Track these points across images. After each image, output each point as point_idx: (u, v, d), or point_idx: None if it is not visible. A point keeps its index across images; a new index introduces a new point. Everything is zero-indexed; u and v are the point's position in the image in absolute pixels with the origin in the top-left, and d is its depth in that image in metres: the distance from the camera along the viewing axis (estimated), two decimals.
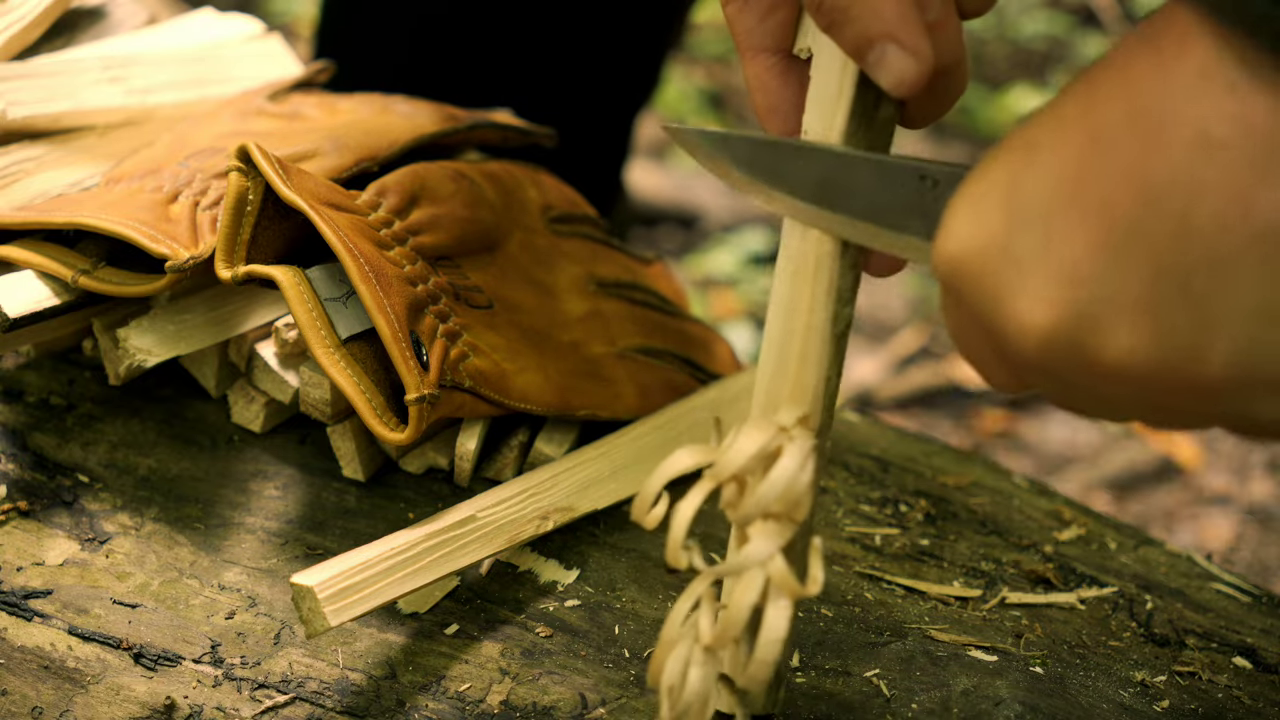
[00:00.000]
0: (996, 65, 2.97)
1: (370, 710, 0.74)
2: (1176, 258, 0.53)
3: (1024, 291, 0.56)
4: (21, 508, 0.83)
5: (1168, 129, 0.53)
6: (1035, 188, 0.56)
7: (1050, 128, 0.57)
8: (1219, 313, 0.53)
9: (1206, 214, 0.52)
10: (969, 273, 0.58)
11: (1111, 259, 0.54)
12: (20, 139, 0.93)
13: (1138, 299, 0.54)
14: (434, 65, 1.35)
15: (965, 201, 0.59)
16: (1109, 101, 0.55)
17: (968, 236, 0.58)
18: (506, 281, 0.89)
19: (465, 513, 0.79)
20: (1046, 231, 0.56)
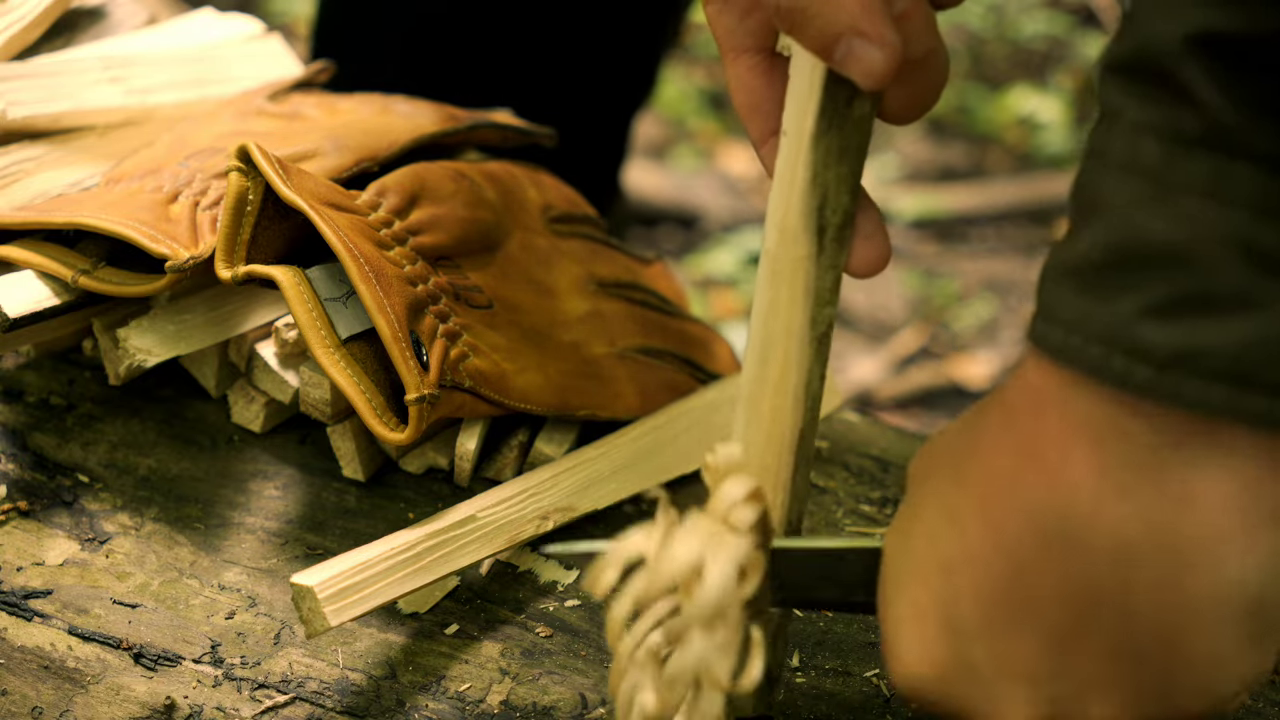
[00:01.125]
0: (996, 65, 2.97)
1: (370, 710, 0.74)
2: (1124, 643, 0.55)
3: (992, 701, 0.58)
4: (21, 508, 0.83)
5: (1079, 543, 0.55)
6: (967, 610, 0.58)
7: (961, 550, 0.58)
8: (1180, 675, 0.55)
9: (1143, 605, 0.55)
10: (932, 692, 0.60)
11: (1063, 654, 0.56)
12: (20, 139, 0.93)
13: (1099, 679, 0.56)
14: (432, 65, 1.35)
15: (901, 624, 0.60)
16: (1012, 523, 0.56)
17: (919, 660, 0.60)
18: (506, 281, 0.89)
19: (465, 513, 0.79)
20: (994, 645, 0.57)
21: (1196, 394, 0.51)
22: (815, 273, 0.67)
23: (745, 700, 0.70)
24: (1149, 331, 0.51)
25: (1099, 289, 0.53)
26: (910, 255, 2.43)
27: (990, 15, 3.04)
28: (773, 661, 0.70)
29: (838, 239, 0.67)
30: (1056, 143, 2.72)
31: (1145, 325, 0.52)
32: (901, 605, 0.61)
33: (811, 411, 0.68)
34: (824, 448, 0.94)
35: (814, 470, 0.92)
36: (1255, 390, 0.51)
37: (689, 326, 0.99)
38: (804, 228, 0.67)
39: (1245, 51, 0.49)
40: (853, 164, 0.66)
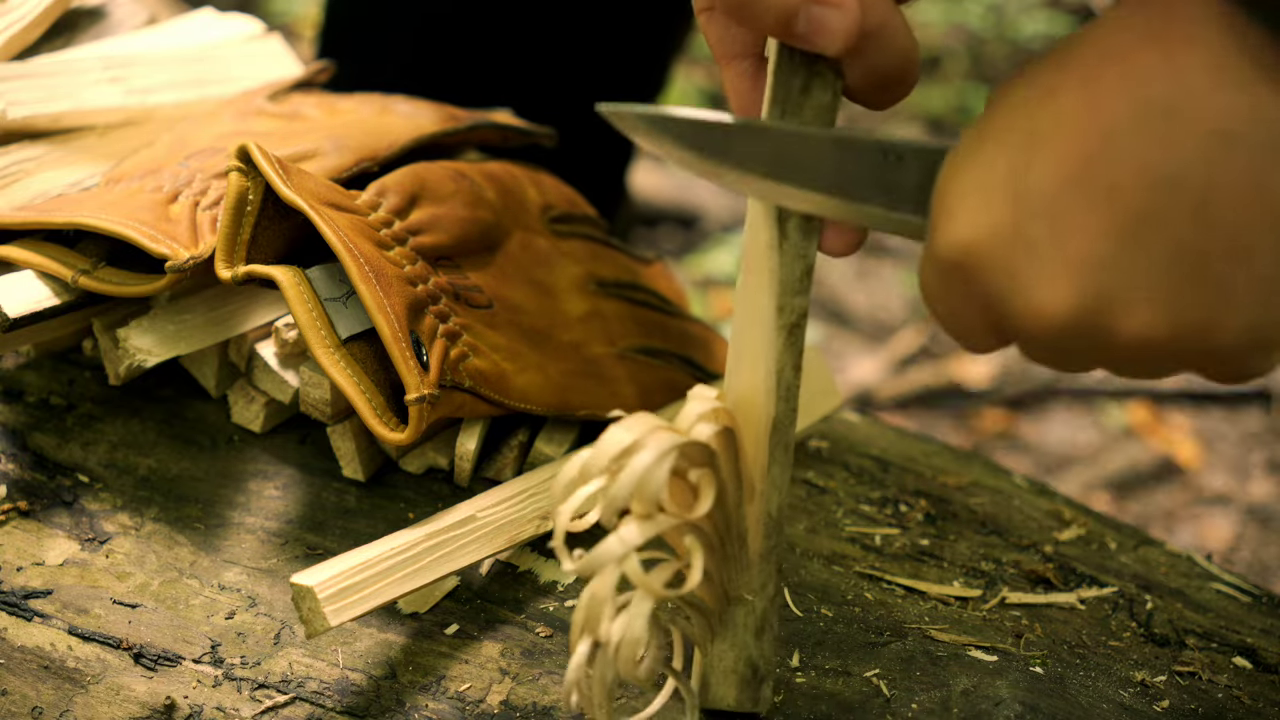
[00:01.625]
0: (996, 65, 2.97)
1: (370, 710, 0.74)
2: (1193, 242, 0.55)
3: (1040, 277, 0.57)
4: (21, 508, 0.83)
5: (1181, 123, 0.54)
6: (1043, 178, 0.57)
7: (1051, 122, 0.58)
8: (1234, 291, 0.55)
9: (1224, 203, 0.54)
10: (979, 259, 0.59)
11: (1125, 245, 0.56)
12: (20, 139, 0.93)
13: (1154, 281, 0.56)
14: (438, 65, 1.35)
15: (967, 188, 0.59)
16: (1114, 95, 0.56)
17: (976, 224, 0.59)
18: (506, 281, 0.89)
19: (465, 513, 0.79)
20: (1057, 220, 0.57)
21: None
22: (780, 261, 0.67)
23: (725, 692, 0.70)
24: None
25: None
26: (910, 255, 2.43)
27: (990, 15, 3.04)
28: (759, 656, 0.70)
29: (802, 229, 0.67)
30: None
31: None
32: (971, 172, 0.59)
33: (786, 401, 0.68)
34: (824, 448, 0.95)
35: (814, 470, 0.92)
36: None
37: (689, 326, 0.99)
38: (763, 216, 0.67)
39: None
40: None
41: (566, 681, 0.64)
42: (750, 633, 0.70)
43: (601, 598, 0.62)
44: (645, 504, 0.62)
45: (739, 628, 0.70)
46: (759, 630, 0.70)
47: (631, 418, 0.64)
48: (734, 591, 0.69)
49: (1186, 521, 1.89)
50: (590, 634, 0.63)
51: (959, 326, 0.63)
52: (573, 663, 0.63)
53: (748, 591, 0.69)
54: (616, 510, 0.62)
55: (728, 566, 0.68)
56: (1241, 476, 1.97)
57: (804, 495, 0.90)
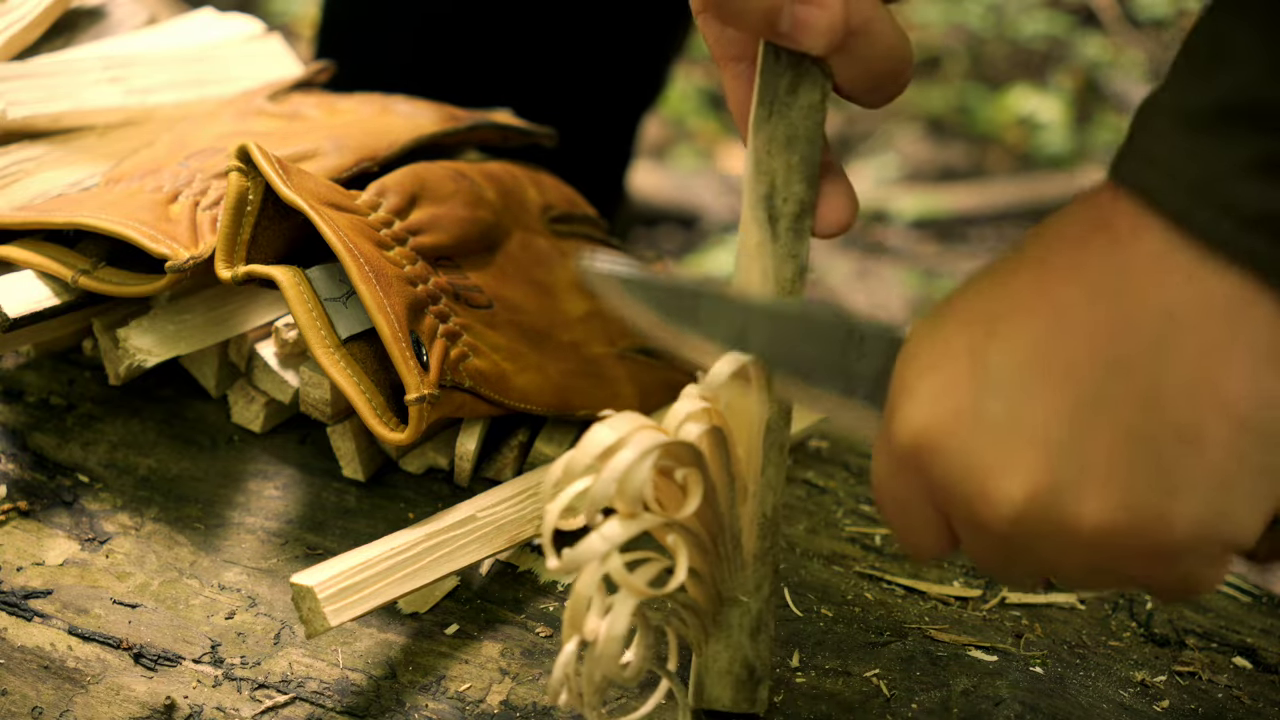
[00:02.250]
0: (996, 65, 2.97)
1: (370, 710, 0.74)
2: (1144, 425, 0.55)
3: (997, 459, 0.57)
4: (21, 508, 0.83)
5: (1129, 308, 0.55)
6: (1001, 360, 0.57)
7: (1007, 301, 0.58)
8: (1186, 479, 0.55)
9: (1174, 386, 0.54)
10: (937, 441, 0.58)
11: (1078, 427, 0.56)
12: (20, 139, 0.93)
13: (1108, 466, 0.55)
14: (438, 66, 1.35)
15: (924, 371, 0.59)
16: (1067, 278, 0.56)
17: (935, 404, 0.58)
18: (506, 281, 0.89)
19: (465, 513, 0.79)
20: (1016, 401, 0.57)
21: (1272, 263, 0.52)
22: (773, 262, 0.67)
23: (720, 693, 0.70)
24: (1245, 189, 0.52)
25: (1204, 135, 0.52)
26: (910, 255, 2.43)
27: (990, 15, 3.03)
28: (754, 657, 0.70)
29: (794, 229, 0.67)
30: (1056, 143, 2.72)
31: (1243, 182, 0.52)
32: (931, 352, 0.59)
33: (780, 402, 0.68)
34: (824, 448, 0.95)
35: (814, 470, 0.92)
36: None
37: None
38: (754, 217, 0.67)
39: None
40: (804, 153, 0.67)
41: (552, 680, 0.64)
42: (745, 634, 0.70)
43: (585, 595, 0.62)
44: (628, 502, 0.62)
45: (734, 628, 0.70)
46: (754, 631, 0.70)
47: (617, 416, 0.64)
48: (728, 592, 0.69)
49: None
50: (576, 631, 0.63)
51: (908, 523, 0.61)
52: (559, 660, 0.63)
53: (742, 593, 0.69)
54: (599, 508, 0.62)
55: (721, 567, 0.68)
56: None
57: (804, 495, 0.90)
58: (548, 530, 0.63)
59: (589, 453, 0.62)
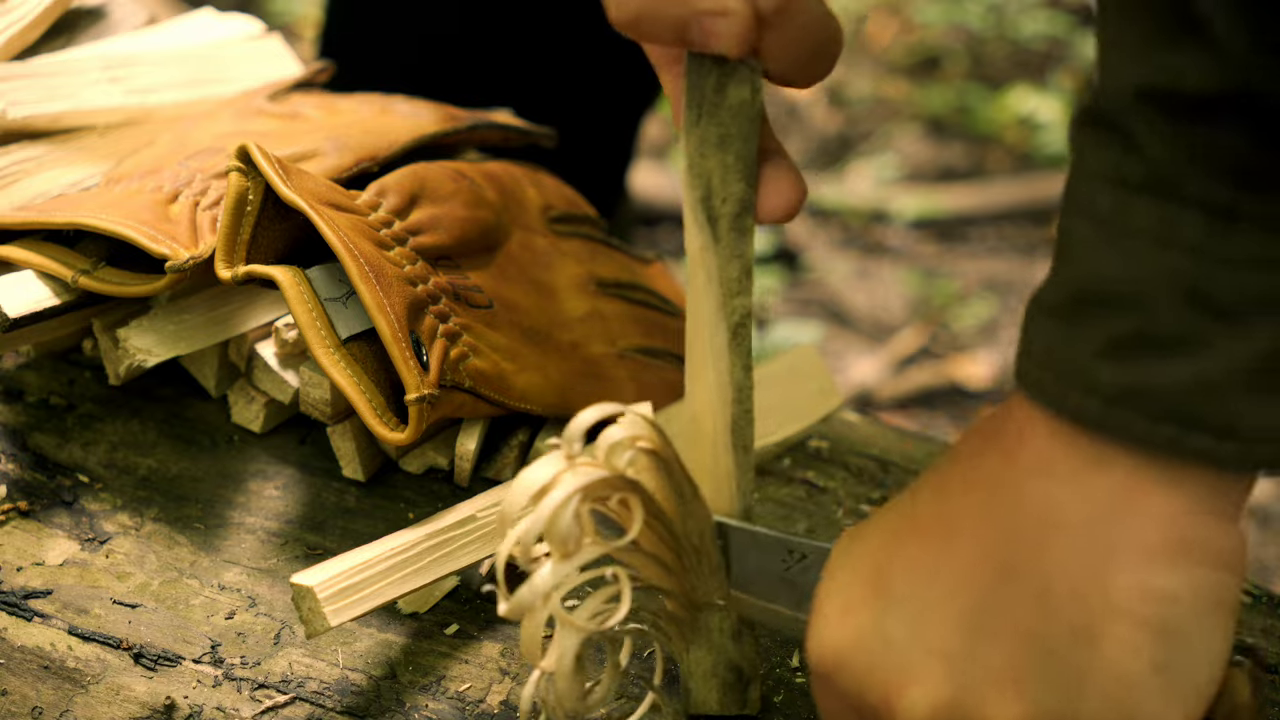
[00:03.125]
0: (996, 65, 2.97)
1: (370, 710, 0.74)
2: (1038, 628, 0.56)
3: (901, 675, 0.58)
4: (21, 508, 0.83)
5: (1017, 515, 0.56)
6: (901, 576, 0.59)
7: (909, 519, 0.60)
8: (1086, 679, 0.55)
9: (1063, 590, 0.55)
10: (843, 660, 0.60)
11: (976, 633, 0.57)
12: (20, 139, 0.93)
13: (1007, 670, 0.56)
14: (440, 66, 1.35)
15: (833, 592, 0.61)
16: (962, 493, 0.58)
17: (840, 625, 0.60)
18: (506, 281, 0.89)
19: (465, 513, 0.79)
20: (915, 615, 0.58)
21: (1142, 432, 0.53)
22: (717, 263, 0.67)
23: (707, 696, 0.70)
24: (1102, 369, 0.54)
25: (1065, 326, 0.55)
26: (910, 255, 2.43)
27: (990, 15, 3.03)
28: (740, 658, 0.70)
29: (735, 228, 0.67)
30: (1056, 143, 2.72)
31: (1100, 363, 0.54)
32: (841, 571, 0.61)
33: (739, 404, 0.68)
34: (824, 448, 0.95)
35: (814, 470, 0.92)
36: (1199, 429, 0.53)
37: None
38: (694, 220, 0.67)
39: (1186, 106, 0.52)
40: (739, 151, 0.66)
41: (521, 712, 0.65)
42: (727, 637, 0.70)
43: (534, 638, 0.62)
44: (559, 544, 0.62)
45: (714, 632, 0.70)
46: (736, 634, 0.70)
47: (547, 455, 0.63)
48: (704, 599, 0.69)
49: None
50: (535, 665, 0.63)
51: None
52: (525, 694, 0.64)
53: (718, 597, 0.69)
54: (529, 553, 0.62)
55: (688, 578, 0.68)
56: None
57: (804, 495, 0.90)
58: (500, 573, 0.63)
59: (521, 495, 0.62)
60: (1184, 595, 0.55)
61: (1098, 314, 0.54)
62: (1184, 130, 0.52)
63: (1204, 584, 0.55)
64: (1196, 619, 0.55)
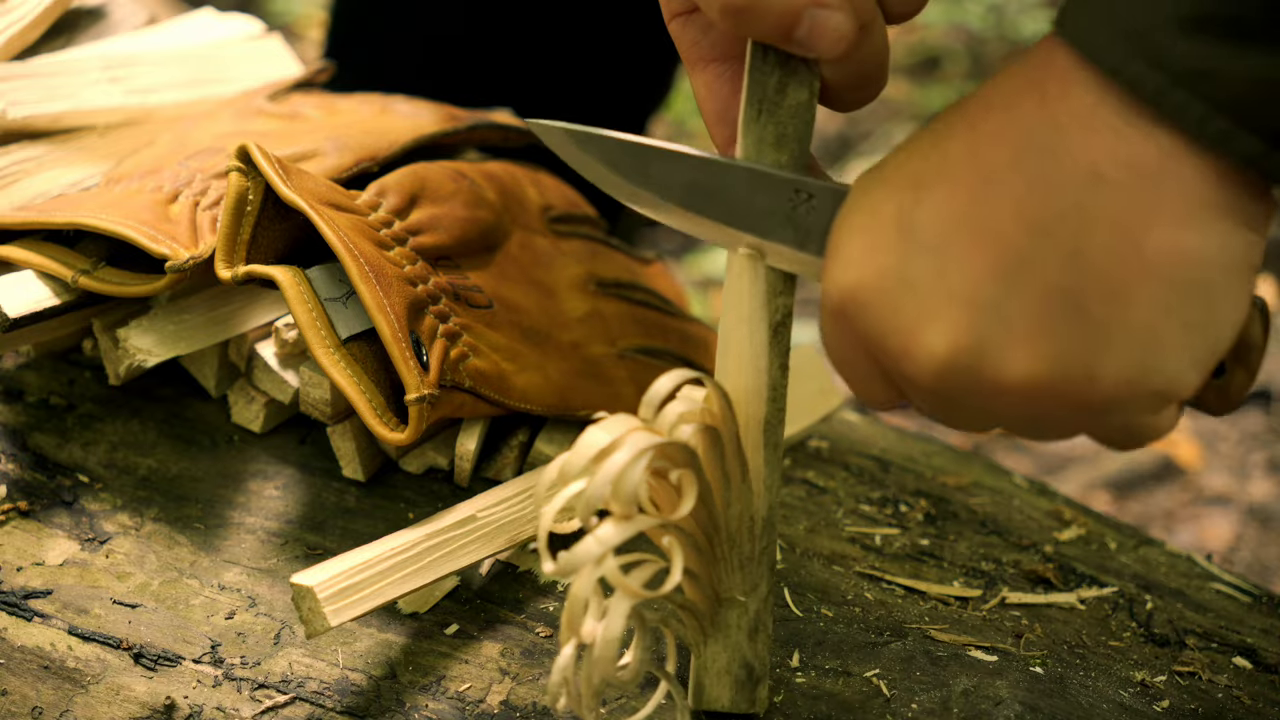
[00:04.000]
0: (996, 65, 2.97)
1: (370, 710, 0.74)
2: (1069, 284, 0.55)
3: (923, 318, 0.58)
4: (21, 508, 0.83)
5: (1056, 168, 0.55)
6: (928, 221, 0.58)
7: (937, 165, 0.59)
8: (1111, 336, 0.56)
9: (1098, 246, 0.55)
10: (865, 300, 0.59)
11: (1005, 285, 0.56)
12: (20, 139, 0.93)
13: (1033, 323, 0.56)
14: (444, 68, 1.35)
15: (855, 232, 0.60)
16: (996, 141, 0.57)
17: (863, 264, 0.59)
18: (506, 281, 0.89)
19: (465, 513, 0.79)
20: (941, 261, 0.57)
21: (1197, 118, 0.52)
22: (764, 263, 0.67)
23: (719, 693, 0.70)
24: (1176, 43, 0.52)
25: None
26: None
27: (990, 15, 3.03)
28: (753, 657, 0.70)
29: None
30: None
31: (1174, 36, 0.52)
32: (860, 214, 0.60)
33: (774, 402, 0.69)
34: (824, 448, 0.95)
35: (814, 470, 0.92)
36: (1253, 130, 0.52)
37: (689, 326, 0.99)
38: None
39: None
40: (794, 151, 0.67)
41: (551, 683, 0.64)
42: (743, 634, 0.70)
43: (581, 598, 0.62)
44: (622, 504, 0.62)
45: (732, 629, 0.70)
46: (752, 631, 0.70)
47: (611, 418, 0.64)
48: (725, 593, 0.69)
49: (1186, 521, 1.89)
50: (573, 634, 0.63)
51: (854, 376, 0.63)
52: (557, 663, 0.63)
53: (739, 593, 0.69)
54: (593, 510, 0.62)
55: (717, 568, 0.68)
56: (1241, 476, 1.97)
57: (804, 495, 0.90)
58: (543, 533, 0.63)
59: (583, 455, 0.62)
60: (1216, 255, 0.55)
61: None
62: None
63: (1235, 243, 0.55)
64: (1225, 278, 0.55)
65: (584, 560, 0.62)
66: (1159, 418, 0.58)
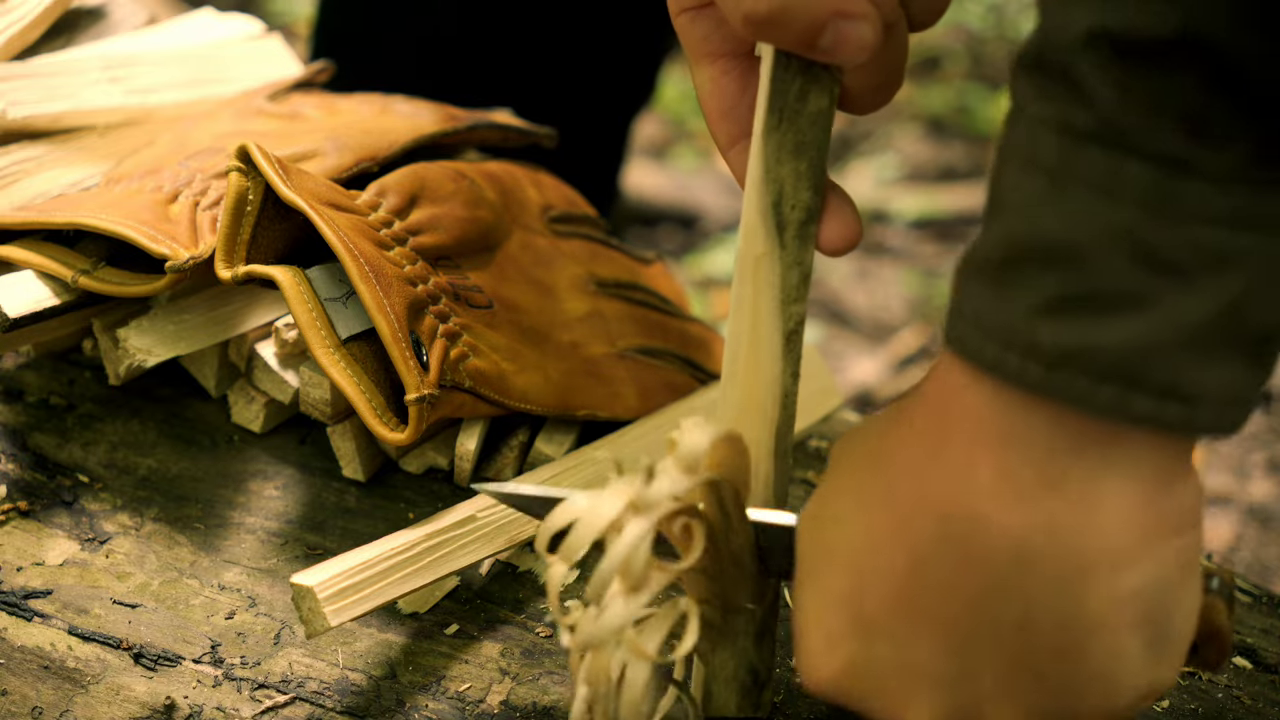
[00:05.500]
0: (996, 65, 2.97)
1: (370, 710, 0.74)
2: (1023, 651, 0.55)
3: (900, 699, 0.58)
4: (21, 508, 0.83)
5: (979, 545, 0.55)
6: (872, 605, 0.58)
7: (864, 533, 0.58)
8: (1076, 688, 0.56)
9: (1040, 615, 0.55)
10: (845, 690, 0.60)
11: (963, 661, 0.56)
12: (20, 139, 0.93)
13: (999, 689, 0.56)
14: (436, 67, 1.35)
15: (812, 626, 0.61)
16: (917, 518, 0.56)
17: (828, 661, 0.60)
18: (506, 281, 0.89)
19: (465, 513, 0.79)
20: (897, 645, 0.58)
21: (1084, 393, 0.52)
22: (778, 270, 0.66)
23: (727, 700, 0.70)
24: (1040, 330, 0.52)
25: (998, 286, 0.53)
26: (910, 255, 2.43)
27: (990, 15, 3.04)
28: (759, 662, 0.70)
29: (800, 236, 0.67)
30: None
31: (1038, 323, 0.52)
32: (811, 595, 0.61)
33: (785, 409, 0.68)
34: (824, 448, 0.94)
35: (814, 470, 0.92)
36: (1142, 391, 0.51)
37: (689, 326, 0.99)
38: (761, 225, 0.66)
39: (1138, 50, 0.50)
40: (813, 159, 0.66)
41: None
42: (750, 640, 0.70)
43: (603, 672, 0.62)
44: (632, 582, 0.61)
45: (740, 635, 0.69)
46: (759, 637, 0.70)
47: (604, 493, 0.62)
48: (734, 604, 0.69)
49: None
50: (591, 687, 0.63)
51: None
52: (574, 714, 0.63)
53: (749, 601, 0.69)
54: (601, 593, 0.62)
55: (724, 583, 0.68)
56: (1241, 476, 1.97)
57: (804, 495, 0.90)
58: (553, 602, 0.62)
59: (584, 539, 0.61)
60: (1158, 578, 0.55)
61: (1036, 271, 0.52)
62: (1136, 76, 0.50)
63: (1174, 555, 0.55)
64: (1172, 592, 0.55)
65: (606, 635, 0.61)
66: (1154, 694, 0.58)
